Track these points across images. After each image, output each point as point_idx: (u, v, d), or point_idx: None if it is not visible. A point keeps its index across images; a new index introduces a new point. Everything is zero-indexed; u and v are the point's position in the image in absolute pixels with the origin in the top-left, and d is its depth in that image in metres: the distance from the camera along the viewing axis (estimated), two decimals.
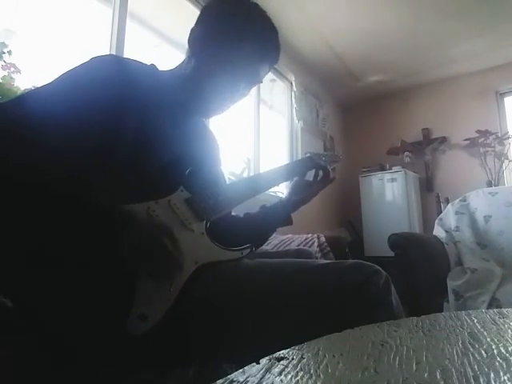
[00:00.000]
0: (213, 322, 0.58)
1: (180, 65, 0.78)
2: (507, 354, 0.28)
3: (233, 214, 0.85)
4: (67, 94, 0.60)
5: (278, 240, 2.07)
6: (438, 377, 0.25)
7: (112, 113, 0.61)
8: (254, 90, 3.00)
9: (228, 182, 0.92)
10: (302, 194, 0.86)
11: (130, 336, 0.49)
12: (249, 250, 0.66)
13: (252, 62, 0.74)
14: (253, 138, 2.97)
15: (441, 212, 2.09)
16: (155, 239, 0.53)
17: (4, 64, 1.40)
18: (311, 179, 0.87)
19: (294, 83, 3.52)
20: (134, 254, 0.52)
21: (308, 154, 0.88)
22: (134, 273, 0.52)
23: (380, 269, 0.58)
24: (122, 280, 0.51)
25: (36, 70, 1.54)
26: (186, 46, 0.76)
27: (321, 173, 0.87)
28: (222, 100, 0.75)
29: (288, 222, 0.85)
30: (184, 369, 0.67)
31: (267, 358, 0.30)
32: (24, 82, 1.42)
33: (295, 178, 0.87)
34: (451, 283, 1.49)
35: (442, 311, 1.44)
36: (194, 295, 0.58)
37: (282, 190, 3.14)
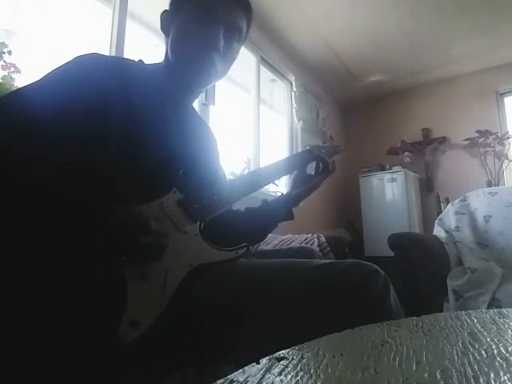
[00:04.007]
0: (211, 323, 0.58)
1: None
2: (507, 354, 0.28)
3: (233, 208, 0.84)
4: (53, 91, 0.60)
5: (278, 240, 2.07)
6: (438, 377, 0.25)
7: (95, 110, 0.60)
8: (254, 89, 2.97)
9: (228, 179, 0.91)
10: (303, 187, 0.84)
11: (123, 342, 0.49)
12: (244, 250, 0.65)
13: (215, 6, 0.70)
14: (253, 138, 2.96)
15: (441, 212, 2.09)
16: (134, 238, 0.53)
17: (4, 64, 1.40)
18: (313, 172, 0.86)
19: (294, 83, 3.52)
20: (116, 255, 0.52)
21: (307, 147, 0.87)
22: (124, 277, 0.52)
23: (379, 268, 0.58)
24: (113, 285, 0.51)
25: (36, 69, 1.54)
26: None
27: (321, 165, 0.85)
28: (208, 54, 0.70)
29: (289, 216, 0.83)
30: (184, 369, 0.67)
31: (267, 358, 0.30)
32: (24, 82, 1.42)
33: (295, 172, 0.85)
34: (451, 283, 1.49)
35: (442, 311, 1.44)
36: (192, 296, 0.58)
37: (282, 191, 3.14)
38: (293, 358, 0.29)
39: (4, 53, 1.41)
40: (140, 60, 0.77)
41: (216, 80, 0.77)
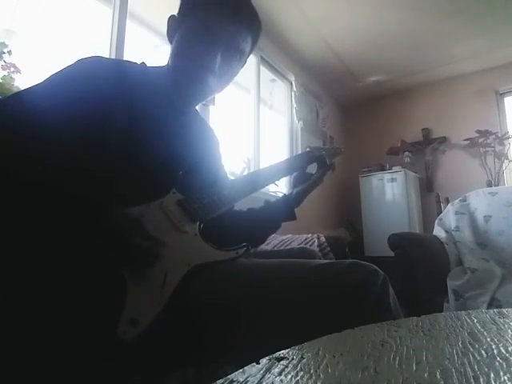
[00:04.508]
0: (211, 323, 0.58)
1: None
2: (507, 354, 0.28)
3: (235, 209, 0.84)
4: (55, 93, 0.60)
5: (278, 240, 2.07)
6: (438, 377, 0.25)
7: (96, 112, 0.60)
8: (253, 89, 2.96)
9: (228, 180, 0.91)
10: (303, 185, 0.84)
11: (122, 340, 0.49)
12: (244, 250, 0.66)
13: (218, 25, 0.69)
14: (253, 138, 2.96)
15: (441, 212, 2.09)
16: (128, 238, 0.53)
17: (4, 64, 1.40)
18: (313, 172, 0.86)
19: (294, 83, 3.52)
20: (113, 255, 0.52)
21: (308, 149, 0.88)
22: (124, 277, 0.52)
23: (378, 268, 0.58)
24: (112, 284, 0.51)
25: (36, 69, 1.54)
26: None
27: (321, 166, 0.86)
28: (202, 76, 0.70)
29: (292, 217, 0.83)
30: (184, 369, 0.67)
31: (267, 358, 0.30)
32: (24, 82, 1.42)
33: (295, 173, 0.85)
34: (451, 283, 1.49)
35: (442, 311, 1.44)
36: (191, 296, 0.58)
37: (282, 191, 3.14)
38: (293, 358, 0.29)
39: (4, 53, 1.41)
40: (142, 62, 0.77)
41: (212, 96, 0.78)
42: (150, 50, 2.37)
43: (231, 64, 0.74)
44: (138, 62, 0.77)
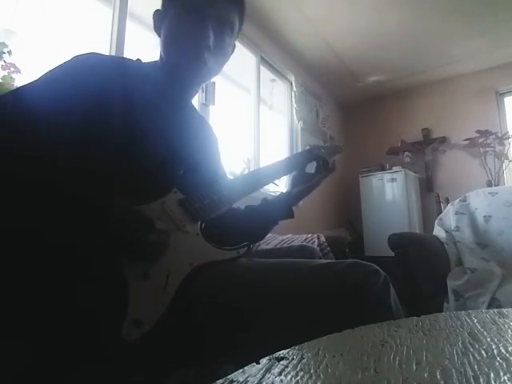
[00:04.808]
0: (211, 323, 0.58)
1: None
2: (507, 354, 0.28)
3: (234, 207, 0.84)
4: (52, 90, 0.60)
5: (278, 240, 2.06)
6: (438, 377, 0.25)
7: (94, 108, 0.60)
8: (253, 89, 2.96)
9: (228, 179, 0.91)
10: (303, 185, 0.84)
11: (125, 341, 0.49)
12: (245, 249, 0.65)
13: (204, 2, 0.69)
14: (253, 138, 2.96)
15: (441, 212, 2.09)
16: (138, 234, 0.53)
17: (4, 64, 1.40)
18: (313, 171, 0.85)
19: (294, 83, 3.52)
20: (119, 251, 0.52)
21: (308, 147, 0.87)
22: (126, 277, 0.52)
23: (379, 268, 0.58)
24: (114, 285, 0.51)
25: (36, 69, 1.54)
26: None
27: (321, 164, 0.85)
28: (198, 51, 0.70)
29: (289, 215, 0.83)
30: (184, 369, 0.67)
31: (267, 358, 0.30)
32: (24, 82, 1.42)
33: (295, 171, 0.85)
34: (451, 283, 1.49)
35: (442, 311, 1.44)
36: (192, 296, 0.58)
37: (282, 191, 3.14)
38: (293, 358, 0.29)
39: (4, 53, 1.41)
40: (138, 59, 0.77)
41: (210, 77, 0.77)
42: (150, 49, 2.37)
43: (224, 39, 0.73)
44: (134, 59, 0.77)
